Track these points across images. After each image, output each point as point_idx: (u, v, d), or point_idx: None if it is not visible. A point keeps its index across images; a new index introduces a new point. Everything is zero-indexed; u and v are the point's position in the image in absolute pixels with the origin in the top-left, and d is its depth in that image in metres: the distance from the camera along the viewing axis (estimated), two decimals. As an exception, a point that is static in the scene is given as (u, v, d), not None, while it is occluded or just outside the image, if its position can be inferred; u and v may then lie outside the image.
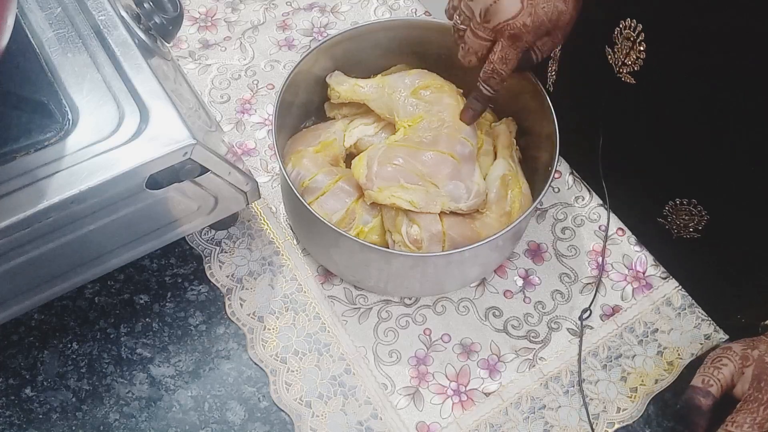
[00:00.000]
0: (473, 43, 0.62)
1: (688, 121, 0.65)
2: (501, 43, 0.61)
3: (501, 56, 0.61)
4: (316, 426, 0.62)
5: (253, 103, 0.79)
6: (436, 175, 0.61)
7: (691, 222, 0.72)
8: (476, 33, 0.61)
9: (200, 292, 0.67)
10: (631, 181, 0.73)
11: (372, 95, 0.68)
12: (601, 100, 0.72)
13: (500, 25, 0.60)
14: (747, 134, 0.62)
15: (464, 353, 0.65)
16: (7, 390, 0.62)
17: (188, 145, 0.54)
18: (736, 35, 0.57)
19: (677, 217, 0.72)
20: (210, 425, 0.61)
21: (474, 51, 0.62)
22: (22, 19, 0.57)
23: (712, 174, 0.67)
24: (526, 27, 0.59)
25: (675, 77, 0.64)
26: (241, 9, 0.86)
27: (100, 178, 0.51)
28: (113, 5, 0.59)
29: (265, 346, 0.65)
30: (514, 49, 0.61)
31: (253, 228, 0.71)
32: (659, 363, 0.66)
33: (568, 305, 0.68)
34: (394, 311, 0.67)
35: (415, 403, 0.63)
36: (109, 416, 0.61)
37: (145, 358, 0.64)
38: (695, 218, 0.71)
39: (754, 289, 0.72)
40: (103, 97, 0.55)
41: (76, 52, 0.57)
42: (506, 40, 0.60)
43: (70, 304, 0.66)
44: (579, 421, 0.63)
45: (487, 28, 0.60)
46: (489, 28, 0.60)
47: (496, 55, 0.61)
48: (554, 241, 0.72)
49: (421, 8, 0.88)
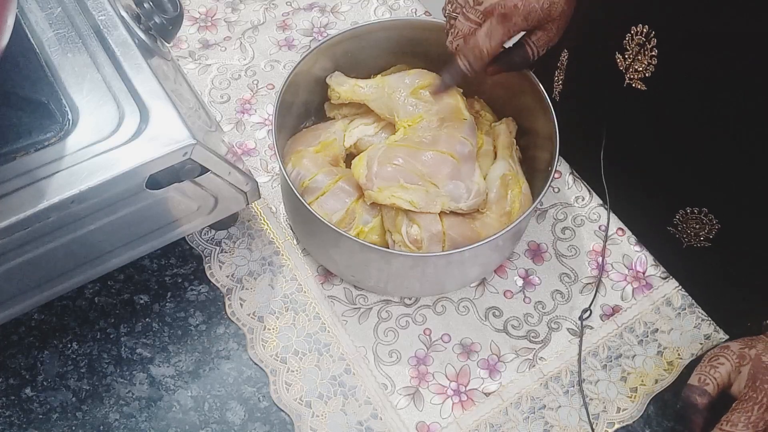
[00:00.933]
0: (463, 26, 0.62)
1: (701, 128, 0.65)
2: (490, 20, 0.60)
3: (487, 31, 0.61)
4: (316, 426, 0.62)
5: (253, 103, 0.79)
6: (436, 175, 0.61)
7: (702, 231, 0.71)
8: (467, 16, 0.61)
9: (200, 292, 0.67)
10: (639, 189, 0.73)
11: (372, 95, 0.68)
12: (609, 107, 0.72)
13: (492, 5, 0.60)
14: (762, 140, 0.61)
15: (464, 353, 0.65)
16: (7, 390, 0.62)
17: (188, 145, 0.54)
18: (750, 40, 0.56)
19: (687, 226, 0.72)
20: (210, 425, 0.61)
21: (463, 34, 0.62)
22: (22, 19, 0.57)
23: (724, 182, 0.66)
24: (516, 8, 0.59)
25: (687, 83, 0.63)
26: (241, 9, 0.86)
27: (100, 178, 0.51)
28: (113, 5, 0.59)
29: (265, 346, 0.65)
30: (502, 28, 0.60)
31: (253, 228, 0.71)
32: (659, 363, 0.66)
33: (568, 305, 0.68)
34: (394, 311, 0.67)
35: (415, 403, 0.63)
36: (109, 416, 0.61)
37: (145, 358, 0.64)
38: (706, 227, 0.70)
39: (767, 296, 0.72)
40: (103, 97, 0.55)
41: (76, 52, 0.57)
42: (496, 18, 0.60)
43: (70, 304, 0.66)
44: (579, 421, 0.63)
45: (479, 10, 0.60)
46: (480, 11, 0.60)
47: (482, 30, 0.61)
48: (554, 241, 0.72)
49: (421, 8, 0.88)
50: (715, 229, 0.70)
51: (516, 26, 0.60)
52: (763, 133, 0.61)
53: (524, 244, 0.71)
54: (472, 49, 0.62)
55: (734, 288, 0.71)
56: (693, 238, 0.72)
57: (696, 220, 0.70)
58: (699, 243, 0.72)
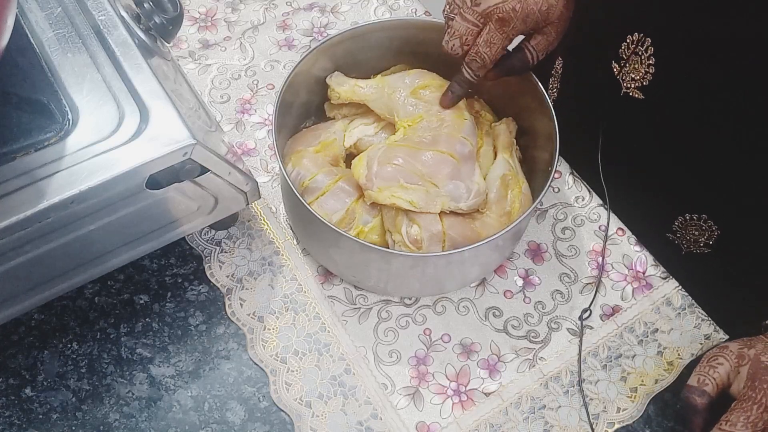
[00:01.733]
0: (459, 26, 0.62)
1: (699, 134, 0.65)
2: (489, 26, 0.60)
3: (487, 39, 0.61)
4: (316, 426, 0.62)
5: (253, 103, 0.79)
6: (436, 174, 0.61)
7: (702, 237, 0.71)
8: (464, 16, 0.61)
9: (200, 292, 0.67)
10: (639, 194, 0.73)
11: (372, 95, 0.68)
12: (606, 115, 0.72)
13: (489, 8, 0.60)
14: (760, 141, 0.61)
15: (464, 353, 0.65)
16: (7, 390, 0.62)
17: (188, 145, 0.54)
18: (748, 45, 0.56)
19: (687, 233, 0.72)
20: (210, 425, 0.61)
21: (459, 35, 0.62)
22: (22, 19, 0.57)
23: (724, 188, 0.66)
24: (515, 12, 0.59)
25: (685, 90, 0.63)
26: (241, 9, 0.86)
27: (100, 178, 0.51)
28: (113, 5, 0.59)
29: (265, 346, 0.65)
30: (501, 34, 0.60)
31: (253, 228, 0.71)
32: (659, 363, 0.66)
33: (568, 305, 0.68)
34: (394, 311, 0.67)
35: (415, 403, 0.63)
36: (109, 416, 0.61)
37: (145, 358, 0.64)
38: (705, 233, 0.70)
39: None
40: (103, 97, 0.55)
41: (76, 52, 0.57)
42: (494, 23, 0.60)
43: (70, 304, 0.66)
44: (579, 421, 0.63)
45: (476, 11, 0.60)
46: (478, 12, 0.60)
47: (482, 37, 0.61)
48: (554, 241, 0.72)
49: (421, 8, 0.88)
50: (715, 235, 0.70)
51: (515, 30, 0.60)
52: (761, 134, 0.61)
53: (524, 244, 0.71)
54: (474, 59, 0.62)
55: (734, 288, 0.71)
56: (692, 245, 0.72)
57: (695, 227, 0.70)
58: (699, 249, 0.72)
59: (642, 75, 0.65)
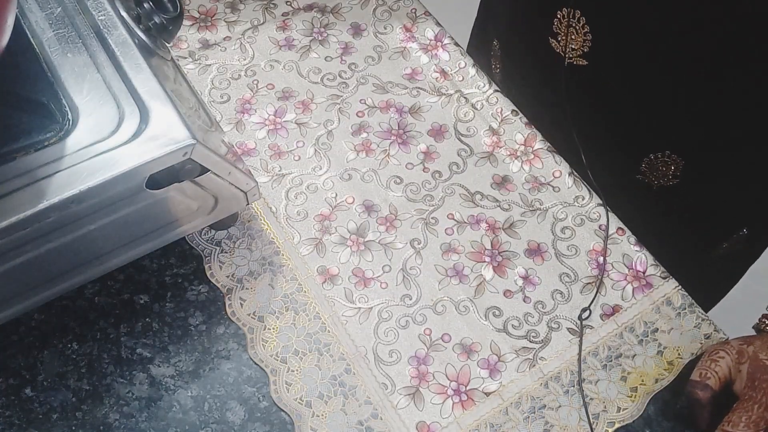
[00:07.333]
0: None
1: (649, 82, 0.69)
2: None
3: None
4: (316, 426, 0.62)
5: (253, 103, 0.79)
6: None
7: (669, 171, 0.76)
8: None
9: (200, 292, 0.67)
10: (606, 148, 0.78)
11: None
12: (557, 86, 0.75)
13: None
14: (706, 80, 0.66)
15: (464, 353, 0.65)
16: (7, 390, 0.62)
17: (188, 145, 0.54)
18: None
19: (655, 170, 0.77)
20: (210, 425, 0.61)
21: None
22: (22, 19, 0.57)
23: (680, 125, 0.72)
24: None
25: (627, 51, 0.67)
26: (241, 9, 0.86)
27: (100, 178, 0.51)
28: (113, 5, 0.59)
29: (265, 346, 0.65)
30: None
31: (253, 228, 0.71)
32: (659, 363, 0.66)
33: (568, 305, 0.68)
34: (394, 311, 0.67)
35: (415, 402, 0.63)
36: (109, 416, 0.61)
37: (145, 358, 0.64)
38: (671, 166, 0.76)
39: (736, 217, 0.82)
40: (103, 97, 0.55)
41: (76, 52, 0.57)
42: None
43: (70, 304, 0.66)
44: (579, 421, 0.63)
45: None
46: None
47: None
48: (554, 240, 0.72)
49: (421, 8, 0.88)
50: (681, 166, 0.75)
51: None
52: (707, 72, 0.65)
53: (524, 243, 0.71)
54: None
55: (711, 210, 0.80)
56: (662, 179, 0.78)
57: (662, 163, 0.76)
58: (668, 182, 0.78)
59: (581, 44, 0.69)
